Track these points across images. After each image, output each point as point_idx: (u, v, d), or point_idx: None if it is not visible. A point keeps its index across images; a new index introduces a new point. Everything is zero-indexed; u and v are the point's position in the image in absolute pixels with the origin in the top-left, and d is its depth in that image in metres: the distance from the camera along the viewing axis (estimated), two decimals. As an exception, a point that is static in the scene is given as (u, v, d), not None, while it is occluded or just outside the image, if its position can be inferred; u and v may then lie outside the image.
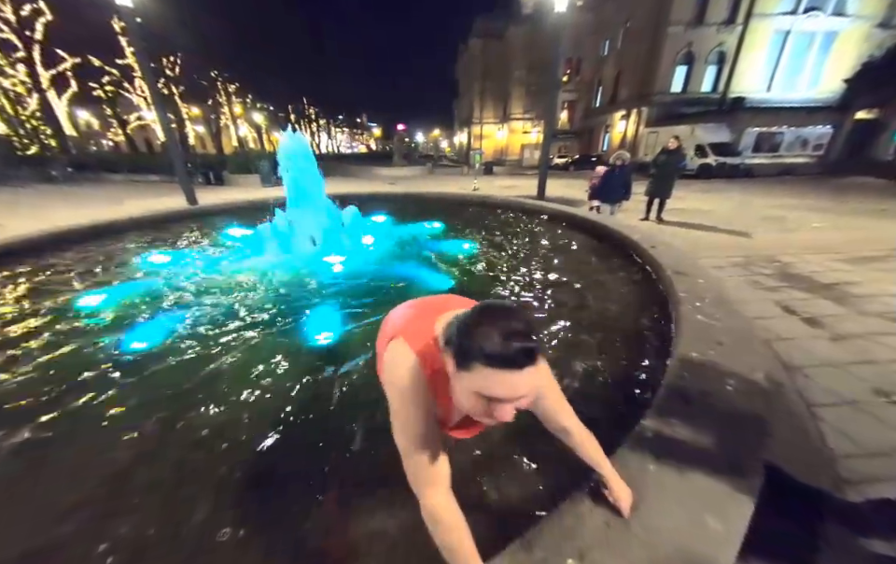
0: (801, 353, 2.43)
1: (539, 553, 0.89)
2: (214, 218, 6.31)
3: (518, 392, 0.63)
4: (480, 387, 0.63)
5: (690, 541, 0.90)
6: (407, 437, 0.76)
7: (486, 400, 0.64)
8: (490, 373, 0.61)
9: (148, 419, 1.73)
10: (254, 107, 43.12)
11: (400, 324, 0.86)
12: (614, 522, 0.95)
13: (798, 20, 21.20)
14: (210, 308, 2.88)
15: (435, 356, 0.77)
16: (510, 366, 0.60)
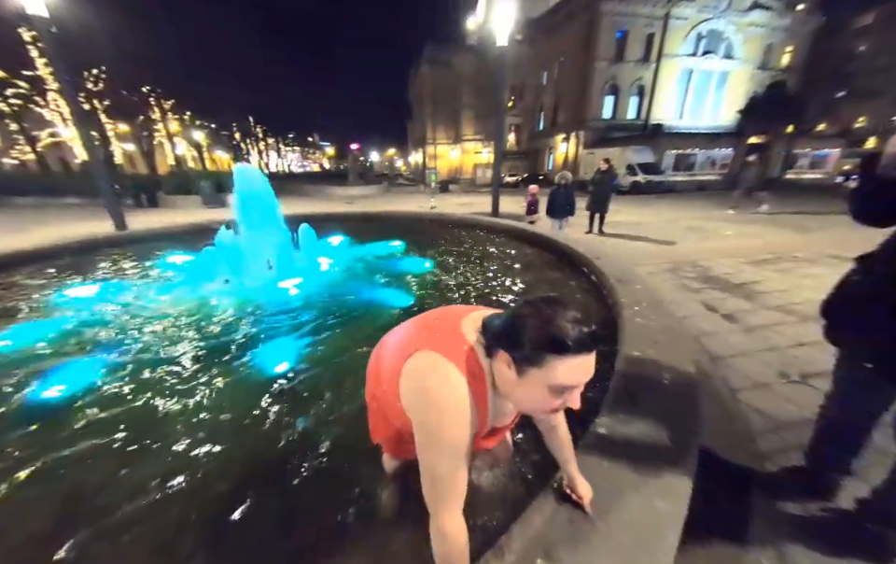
0: (722, 345, 2.78)
1: (511, 557, 0.92)
2: (148, 243, 5.74)
3: (590, 374, 0.64)
4: (554, 379, 0.62)
5: (643, 525, 1.00)
6: (442, 458, 0.70)
7: (558, 391, 0.64)
8: (565, 362, 0.61)
9: (64, 480, 1.51)
10: (193, 125, 40.26)
11: (419, 338, 0.80)
12: (576, 517, 1.02)
13: (698, 60, 25.20)
14: (148, 344, 2.60)
15: (473, 361, 0.73)
16: (584, 350, 0.61)
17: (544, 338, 0.61)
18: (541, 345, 0.62)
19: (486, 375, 0.74)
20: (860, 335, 1.14)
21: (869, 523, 1.26)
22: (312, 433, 1.75)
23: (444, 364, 0.71)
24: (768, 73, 25.96)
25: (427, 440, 0.71)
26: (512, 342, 0.66)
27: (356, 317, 3.01)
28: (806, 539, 1.29)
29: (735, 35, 25.09)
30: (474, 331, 0.76)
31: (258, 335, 2.71)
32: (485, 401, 0.74)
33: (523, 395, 0.68)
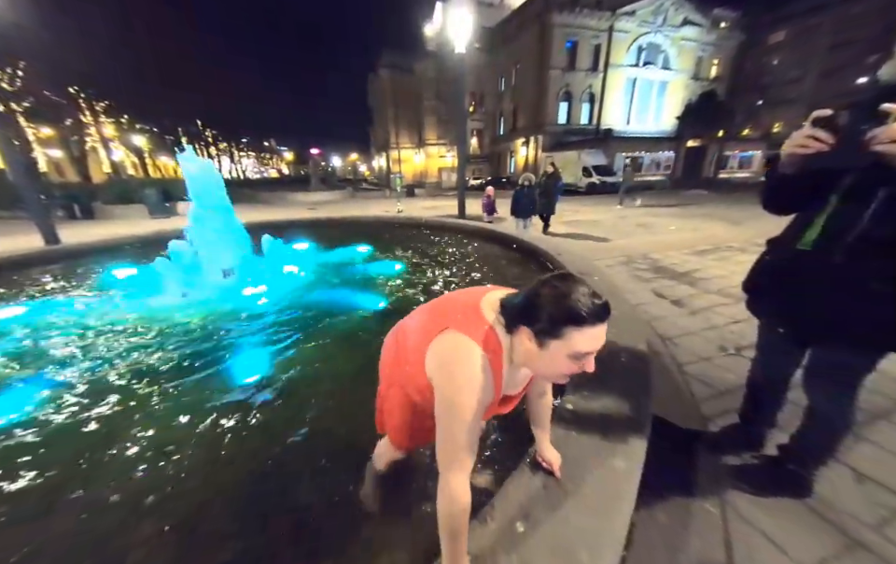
0: (671, 327, 3.08)
1: (493, 524, 1.00)
2: (86, 258, 5.23)
3: (602, 341, 0.72)
4: (572, 347, 0.70)
5: (606, 483, 1.12)
6: (457, 423, 0.77)
7: (576, 357, 0.72)
8: (582, 332, 0.69)
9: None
10: (132, 129, 36.97)
11: (444, 318, 0.88)
12: (550, 484, 1.12)
13: (640, 70, 27.39)
14: (91, 366, 2.39)
15: (492, 338, 0.81)
16: (599, 321, 0.70)
17: (563, 312, 0.69)
18: (561, 318, 0.69)
19: (504, 350, 0.82)
20: (770, 305, 1.35)
21: (790, 465, 1.47)
22: (284, 441, 1.72)
23: (467, 342, 0.80)
24: (700, 82, 28.79)
25: (446, 408, 0.79)
26: (533, 317, 0.73)
27: (326, 321, 2.97)
28: (741, 485, 1.49)
29: (670, 48, 27.57)
30: (492, 310, 0.84)
31: (222, 346, 2.60)
32: (501, 373, 0.83)
33: (545, 364, 0.76)
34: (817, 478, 1.43)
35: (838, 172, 1.03)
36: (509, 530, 0.98)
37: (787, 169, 1.10)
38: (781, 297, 1.27)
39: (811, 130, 0.99)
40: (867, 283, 1.03)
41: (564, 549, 0.93)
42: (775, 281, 1.30)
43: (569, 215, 10.73)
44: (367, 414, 1.86)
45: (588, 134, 26.93)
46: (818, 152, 0.96)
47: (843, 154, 0.92)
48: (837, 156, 0.93)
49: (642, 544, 1.29)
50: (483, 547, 0.93)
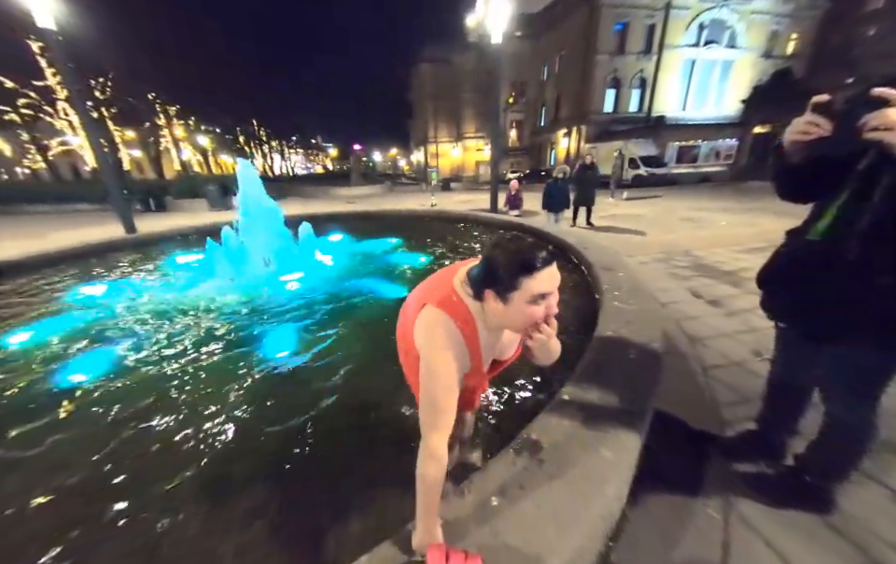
0: (703, 327, 2.89)
1: (470, 496, 1.07)
2: (156, 245, 5.99)
3: (556, 281, 0.82)
4: (530, 292, 0.79)
5: (587, 468, 1.14)
6: (434, 387, 0.87)
7: (536, 301, 0.80)
8: (535, 277, 0.78)
9: (90, 455, 1.69)
10: (198, 130, 40.88)
11: (421, 296, 0.99)
12: (531, 465, 1.16)
13: (701, 51, 24.83)
14: (156, 337, 2.80)
15: (463, 310, 0.90)
16: (547, 264, 0.79)
17: (515, 266, 0.78)
18: (514, 272, 0.79)
19: (476, 318, 0.91)
20: (781, 300, 1.26)
21: (807, 476, 1.36)
22: (315, 416, 1.90)
23: (440, 315, 0.90)
24: (773, 61, 25.51)
25: (425, 373, 0.89)
26: (492, 280, 0.83)
27: (353, 307, 3.18)
28: (751, 493, 1.42)
29: (738, 24, 24.70)
30: (461, 284, 0.93)
31: (260, 325, 2.89)
32: (476, 340, 0.92)
33: (513, 316, 0.84)
34: (837, 493, 1.32)
35: (852, 159, 0.97)
36: (484, 504, 1.05)
37: (792, 157, 1.06)
38: (791, 290, 1.20)
39: (810, 116, 0.95)
40: (878, 276, 0.96)
41: (533, 524, 0.98)
42: (785, 274, 1.23)
43: (608, 208, 10.21)
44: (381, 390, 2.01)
45: (637, 123, 25.08)
46: (818, 138, 0.92)
47: (841, 141, 0.87)
48: (836, 142, 0.88)
49: (632, 536, 1.29)
50: (457, 517, 1.01)
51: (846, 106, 0.86)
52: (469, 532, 0.96)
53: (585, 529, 1.01)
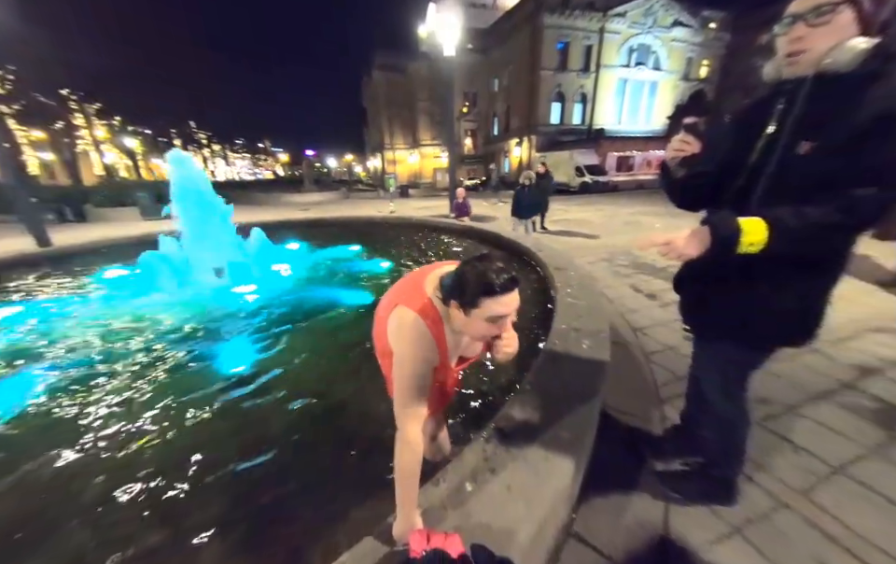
0: (644, 318, 3.23)
1: (445, 485, 1.13)
2: (78, 259, 5.30)
3: (513, 306, 0.89)
4: (488, 313, 0.87)
5: (548, 448, 1.25)
6: (407, 377, 0.95)
7: (493, 320, 0.88)
8: (495, 300, 0.85)
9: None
10: (124, 131, 36.74)
11: (394, 298, 1.05)
12: (499, 451, 1.25)
13: (632, 71, 27.71)
14: (83, 359, 2.50)
15: (432, 311, 0.97)
16: (507, 290, 0.86)
17: (478, 286, 0.86)
18: (477, 291, 0.86)
19: (443, 319, 0.99)
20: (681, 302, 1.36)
21: (714, 470, 1.44)
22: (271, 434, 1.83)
23: (410, 313, 0.97)
24: (690, 83, 29.18)
25: (397, 366, 0.97)
26: (457, 293, 0.90)
27: (314, 318, 3.09)
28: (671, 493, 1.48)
29: (661, 49, 27.92)
30: (433, 287, 1.00)
31: (210, 342, 2.71)
32: (443, 337, 1.00)
33: (472, 329, 0.92)
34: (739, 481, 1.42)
35: (734, 172, 1.09)
36: (459, 489, 1.11)
37: (674, 173, 1.21)
38: (687, 292, 1.33)
39: (683, 135, 1.10)
40: (745, 280, 1.08)
41: (503, 503, 1.06)
42: (684, 277, 1.33)
43: (559, 214, 10.90)
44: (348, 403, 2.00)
45: (580, 135, 27.18)
46: (692, 156, 1.09)
47: (706, 157, 1.07)
48: (703, 160, 1.08)
49: (590, 506, 1.43)
50: (433, 504, 1.06)
51: (706, 128, 1.05)
52: (446, 516, 1.02)
53: (549, 503, 1.11)
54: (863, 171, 0.83)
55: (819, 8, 0.86)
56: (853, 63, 0.84)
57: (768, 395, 2.03)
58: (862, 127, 0.81)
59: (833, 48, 0.85)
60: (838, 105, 0.86)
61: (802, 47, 0.91)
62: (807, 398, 2.04)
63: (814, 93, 0.91)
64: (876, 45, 0.82)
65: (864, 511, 1.37)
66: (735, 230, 0.93)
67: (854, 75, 0.84)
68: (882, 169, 0.82)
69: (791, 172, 0.95)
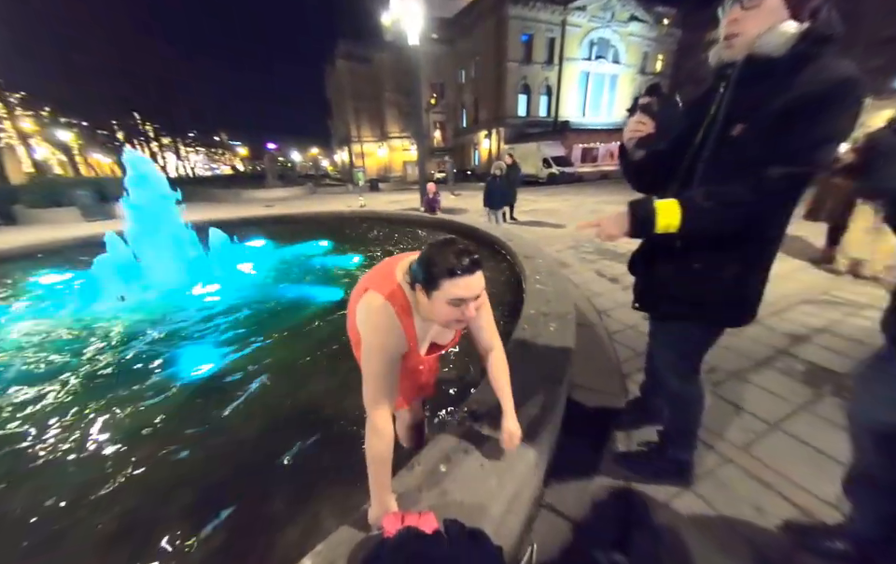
0: (607, 301, 3.40)
1: (419, 468, 1.15)
2: (9, 265, 4.76)
3: (475, 290, 0.88)
4: (449, 295, 0.86)
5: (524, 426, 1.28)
6: (374, 364, 0.94)
7: (456, 303, 0.87)
8: (454, 282, 0.85)
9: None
10: (56, 123, 33.13)
11: (365, 283, 1.04)
12: (472, 431, 1.29)
13: (593, 64, 28.63)
14: (14, 376, 2.27)
15: (400, 296, 0.97)
16: (466, 273, 0.85)
17: (438, 269, 0.85)
18: (437, 274, 0.86)
19: (412, 306, 0.98)
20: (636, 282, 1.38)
21: (669, 448, 1.48)
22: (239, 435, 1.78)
23: (378, 298, 0.97)
24: (646, 77, 30.60)
25: (365, 351, 0.96)
26: (417, 278, 0.91)
27: (282, 315, 2.99)
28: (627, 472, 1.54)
29: (619, 43, 29.04)
30: (402, 273, 1.00)
31: (165, 349, 2.55)
32: (412, 324, 0.99)
33: (435, 311, 0.91)
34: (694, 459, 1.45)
35: (681, 154, 1.11)
36: (433, 471, 1.13)
37: (632, 155, 1.22)
38: (639, 274, 1.36)
39: (638, 116, 1.12)
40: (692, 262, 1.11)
41: (476, 480, 1.10)
42: (636, 260, 1.36)
43: (529, 204, 11.15)
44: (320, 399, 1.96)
45: (547, 127, 27.79)
46: (648, 136, 1.11)
47: (659, 138, 1.09)
48: (657, 139, 1.10)
49: (560, 478, 1.51)
50: (409, 488, 1.08)
51: (659, 109, 1.08)
52: (421, 498, 1.04)
53: (520, 478, 1.16)
54: (778, 152, 0.87)
55: None
56: (783, 47, 0.86)
57: (716, 363, 2.22)
58: (785, 109, 0.85)
59: (764, 31, 0.87)
60: (768, 88, 0.89)
61: (736, 30, 0.93)
62: (749, 365, 2.26)
63: (745, 76, 0.94)
64: (806, 29, 0.84)
65: (794, 460, 1.55)
66: (650, 211, 0.99)
67: (784, 58, 0.86)
68: (794, 151, 0.86)
69: (724, 154, 0.99)
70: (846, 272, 3.68)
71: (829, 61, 0.83)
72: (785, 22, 0.85)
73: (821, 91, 0.81)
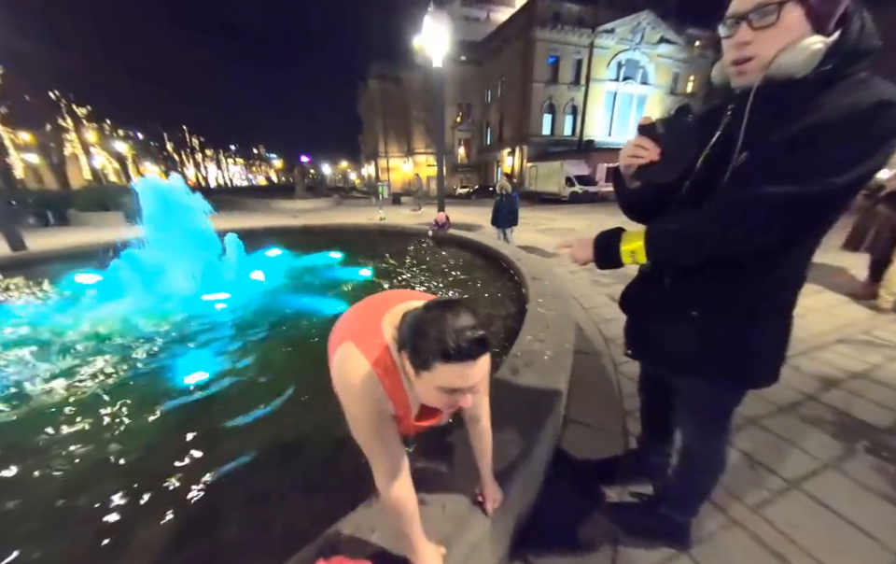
0: (617, 329, 3.23)
1: (377, 505, 1.09)
2: (51, 264, 5.17)
3: (474, 380, 0.68)
4: (440, 382, 0.67)
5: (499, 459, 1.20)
6: (366, 438, 0.80)
7: (446, 392, 0.68)
8: (449, 369, 0.65)
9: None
10: (115, 135, 36.39)
11: (348, 327, 0.86)
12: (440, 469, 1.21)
13: (620, 85, 28.37)
14: (44, 369, 2.41)
15: (385, 356, 0.78)
16: (466, 359, 0.65)
17: (431, 345, 0.65)
18: (429, 351, 0.65)
19: (400, 370, 0.79)
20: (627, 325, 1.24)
21: (662, 508, 1.31)
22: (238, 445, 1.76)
23: (358, 358, 0.78)
24: (676, 97, 29.98)
25: (349, 419, 0.81)
26: (405, 345, 0.71)
27: (286, 326, 3.03)
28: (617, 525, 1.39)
29: (648, 65, 28.69)
30: (392, 326, 0.80)
31: (176, 352, 2.63)
32: (400, 390, 0.80)
33: (420, 392, 0.73)
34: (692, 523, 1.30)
35: (677, 185, 0.95)
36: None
37: (629, 182, 1.03)
38: (629, 312, 1.21)
39: (638, 139, 0.91)
40: (687, 308, 0.97)
41: (435, 520, 1.02)
42: (628, 293, 1.20)
43: (547, 223, 11.00)
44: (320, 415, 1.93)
45: (571, 145, 27.67)
46: (650, 162, 0.89)
47: (665, 165, 0.87)
48: (662, 167, 0.88)
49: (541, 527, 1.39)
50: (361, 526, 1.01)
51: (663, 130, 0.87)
52: (373, 539, 0.97)
53: (484, 525, 1.07)
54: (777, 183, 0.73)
55: (763, 8, 0.72)
56: (807, 67, 0.72)
57: (731, 407, 2.03)
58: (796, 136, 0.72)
59: (783, 50, 0.72)
60: (786, 112, 0.75)
61: (748, 54, 0.77)
62: (770, 410, 2.04)
63: (761, 102, 0.79)
64: (834, 43, 0.70)
65: (815, 529, 1.36)
66: (612, 236, 0.90)
67: (808, 79, 0.73)
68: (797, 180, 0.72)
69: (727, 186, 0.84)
70: (890, 309, 3.32)
71: (862, 79, 0.70)
72: (806, 38, 0.71)
73: (843, 118, 0.68)
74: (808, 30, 0.71)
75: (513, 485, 1.17)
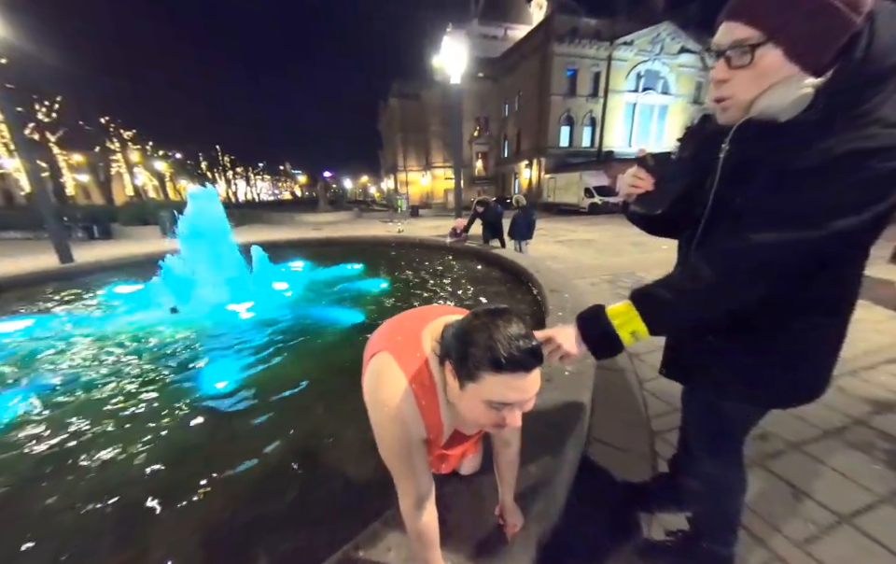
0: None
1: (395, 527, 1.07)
2: (95, 275, 5.54)
3: (529, 394, 0.62)
4: (490, 395, 0.61)
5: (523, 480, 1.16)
6: (393, 461, 0.75)
7: (497, 407, 0.62)
8: (500, 380, 0.60)
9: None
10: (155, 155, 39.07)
11: (385, 338, 0.81)
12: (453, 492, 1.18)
13: (640, 96, 28.02)
14: (83, 372, 2.57)
15: (423, 371, 0.74)
16: (520, 369, 0.59)
17: (481, 354, 0.60)
18: (478, 360, 0.60)
19: (438, 386, 0.74)
20: None
21: (702, 541, 1.22)
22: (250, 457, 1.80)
23: (394, 371, 0.73)
24: (699, 106, 29.24)
25: (377, 436, 0.76)
26: (454, 352, 0.65)
27: (307, 336, 3.10)
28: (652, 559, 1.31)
29: (669, 75, 28.20)
30: (432, 339, 0.76)
31: (201, 359, 2.74)
32: (436, 410, 0.75)
33: (464, 407, 0.67)
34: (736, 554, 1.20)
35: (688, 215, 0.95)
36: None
37: (633, 207, 1.07)
38: None
39: (635, 170, 0.97)
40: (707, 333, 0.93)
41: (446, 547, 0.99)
42: None
43: (566, 234, 10.84)
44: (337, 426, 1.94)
45: (590, 157, 27.36)
46: (647, 193, 0.95)
47: (659, 195, 0.94)
48: (657, 196, 0.95)
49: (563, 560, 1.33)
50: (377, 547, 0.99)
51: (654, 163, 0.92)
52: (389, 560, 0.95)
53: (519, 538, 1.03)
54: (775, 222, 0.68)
55: (739, 45, 0.66)
56: (791, 111, 0.66)
57: (770, 430, 1.89)
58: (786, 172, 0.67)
59: (762, 94, 0.68)
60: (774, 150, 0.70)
61: (726, 93, 0.73)
62: (815, 435, 1.89)
63: (743, 140, 0.76)
64: (827, 82, 0.63)
65: (870, 568, 1.23)
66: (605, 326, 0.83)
67: (798, 121, 0.66)
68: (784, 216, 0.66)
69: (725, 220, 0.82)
70: (951, 329, 3.04)
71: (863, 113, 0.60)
72: (792, 81, 0.65)
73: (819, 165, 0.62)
74: (794, 70, 0.64)
75: (534, 508, 1.12)
